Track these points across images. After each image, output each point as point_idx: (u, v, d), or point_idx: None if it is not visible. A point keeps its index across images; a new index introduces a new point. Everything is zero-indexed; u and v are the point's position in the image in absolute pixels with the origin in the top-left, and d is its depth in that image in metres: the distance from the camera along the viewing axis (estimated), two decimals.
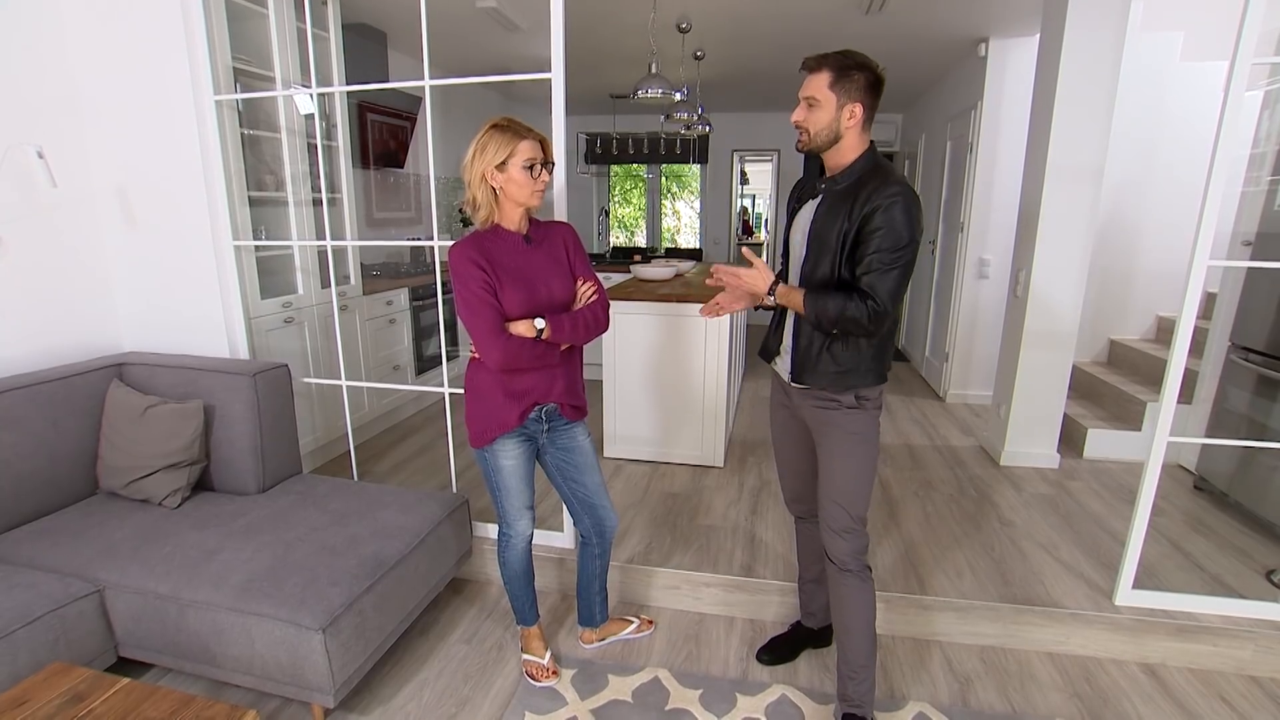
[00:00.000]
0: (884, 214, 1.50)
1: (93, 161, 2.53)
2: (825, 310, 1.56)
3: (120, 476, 2.22)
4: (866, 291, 1.52)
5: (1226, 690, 2.05)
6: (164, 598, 1.80)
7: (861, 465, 1.70)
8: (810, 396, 1.73)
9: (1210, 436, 2.90)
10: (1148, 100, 3.97)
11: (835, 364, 1.65)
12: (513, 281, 1.68)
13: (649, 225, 9.27)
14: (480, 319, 1.64)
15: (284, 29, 2.93)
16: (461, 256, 1.65)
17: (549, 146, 1.70)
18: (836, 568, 1.75)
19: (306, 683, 1.74)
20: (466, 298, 1.64)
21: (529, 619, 2.09)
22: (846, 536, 1.72)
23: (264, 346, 2.85)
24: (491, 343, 1.64)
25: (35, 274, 2.38)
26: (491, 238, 1.71)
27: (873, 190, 1.53)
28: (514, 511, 1.91)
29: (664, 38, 4.09)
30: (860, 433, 1.69)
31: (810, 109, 1.58)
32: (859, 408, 1.68)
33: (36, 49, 2.34)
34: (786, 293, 1.62)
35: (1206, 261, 1.93)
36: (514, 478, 1.85)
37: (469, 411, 1.82)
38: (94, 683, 1.37)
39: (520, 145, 1.62)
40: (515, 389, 1.76)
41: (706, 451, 3.39)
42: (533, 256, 1.74)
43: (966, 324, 4.60)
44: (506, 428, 1.77)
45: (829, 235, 1.60)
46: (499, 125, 1.64)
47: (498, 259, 1.68)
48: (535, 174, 1.65)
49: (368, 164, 4.47)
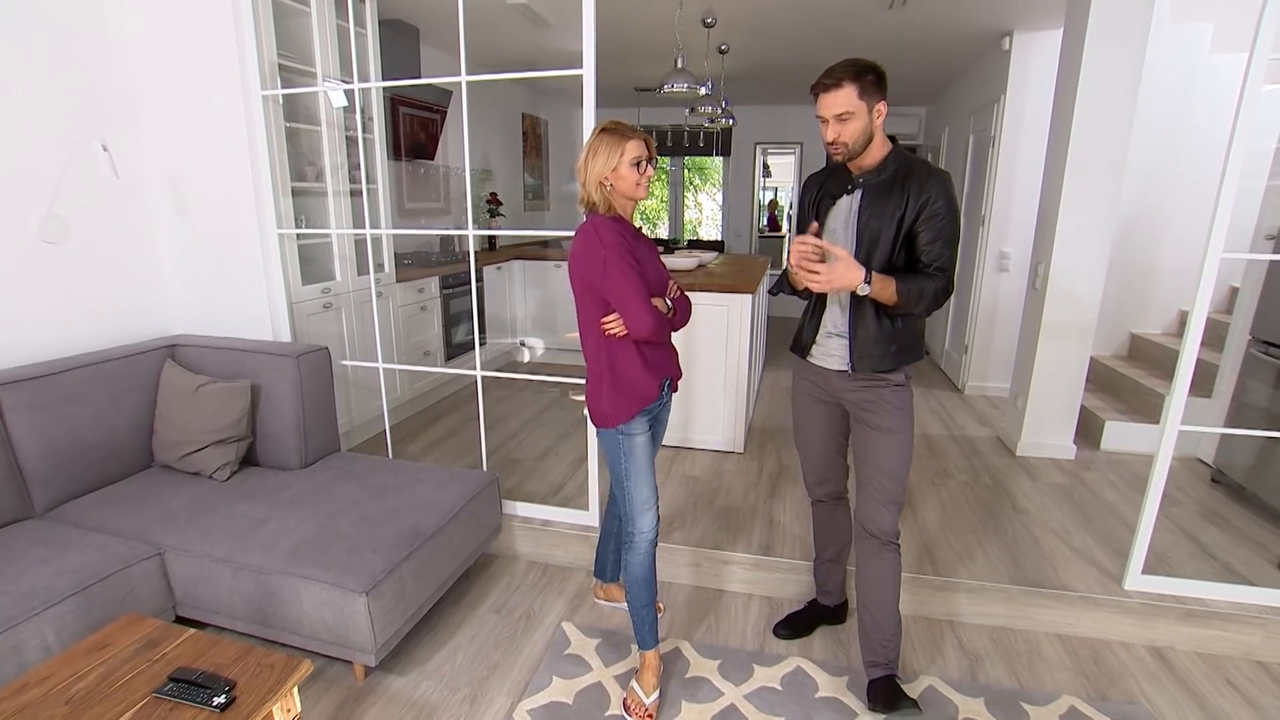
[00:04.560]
0: (942, 200, 1.64)
1: (147, 154, 2.68)
2: (922, 292, 1.64)
3: (174, 450, 2.36)
4: (939, 270, 1.65)
5: (1233, 674, 2.11)
6: (219, 561, 1.94)
7: (909, 439, 1.81)
8: (857, 380, 1.81)
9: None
10: (1175, 93, 3.96)
11: (897, 343, 1.75)
12: (644, 262, 1.79)
13: (672, 217, 9.34)
14: (635, 287, 1.70)
15: (325, 26, 3.05)
16: (609, 229, 1.72)
17: (651, 144, 1.80)
18: (879, 542, 1.84)
19: (350, 642, 1.87)
20: (622, 267, 1.69)
21: (648, 641, 1.93)
22: (892, 508, 1.82)
23: (304, 330, 2.99)
24: (647, 309, 1.70)
25: (98, 260, 2.53)
26: (620, 221, 1.80)
27: (924, 177, 1.65)
28: (642, 500, 1.86)
29: (689, 32, 4.15)
30: (906, 408, 1.80)
31: (844, 123, 1.63)
32: (905, 385, 1.80)
33: (97, 49, 2.48)
34: (881, 280, 1.63)
35: (1220, 254, 1.98)
36: (645, 459, 1.86)
37: (607, 390, 1.81)
38: (164, 632, 1.50)
39: (628, 145, 1.72)
40: (652, 363, 1.84)
41: (727, 437, 3.48)
42: (643, 246, 1.86)
43: (986, 317, 4.62)
44: (649, 400, 1.82)
45: (883, 224, 1.69)
46: (607, 129, 1.74)
47: (630, 240, 1.79)
48: (641, 170, 1.76)
49: (400, 156, 4.61)
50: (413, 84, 3.58)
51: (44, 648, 1.63)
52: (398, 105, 4.52)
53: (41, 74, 2.30)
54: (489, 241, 5.66)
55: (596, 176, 1.74)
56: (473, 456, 3.27)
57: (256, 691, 1.32)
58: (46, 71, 2.31)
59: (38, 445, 2.10)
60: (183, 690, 1.28)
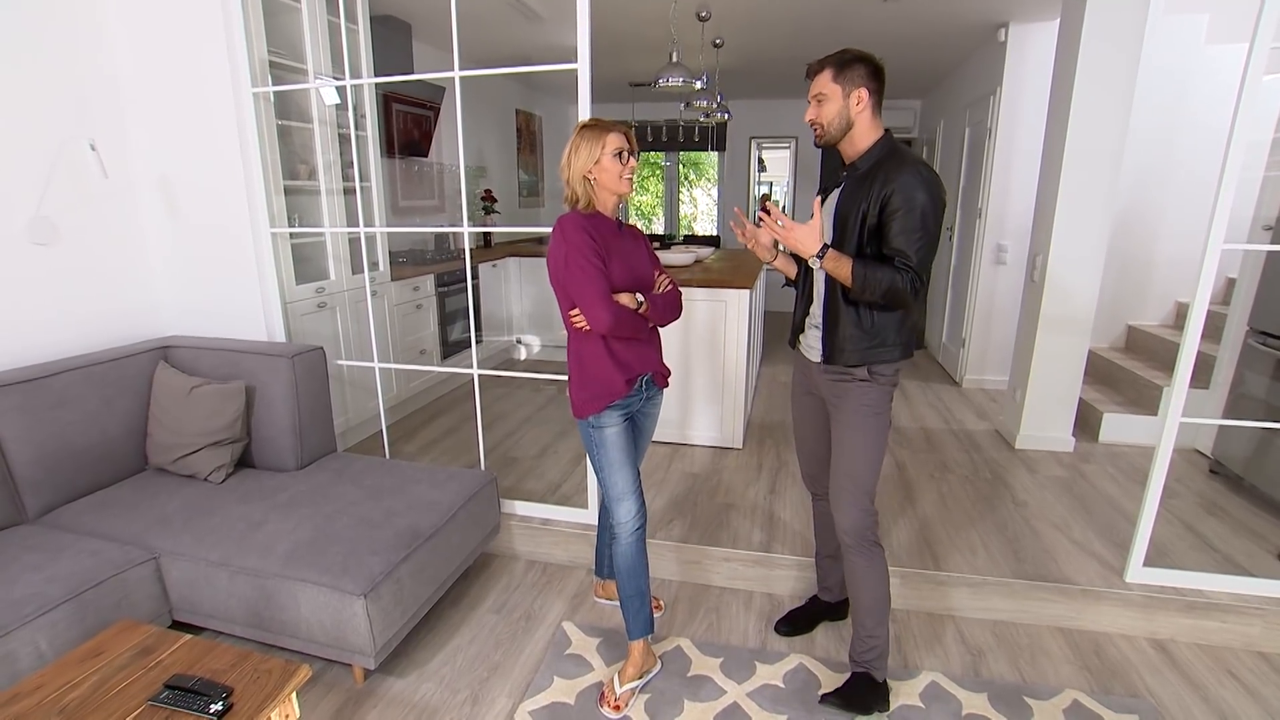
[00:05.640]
0: (902, 194, 1.58)
1: (136, 153, 2.64)
2: (876, 278, 1.60)
3: (168, 453, 2.34)
4: (904, 265, 1.60)
5: (1235, 665, 2.11)
6: (215, 564, 1.92)
7: (872, 439, 1.77)
8: (829, 371, 1.80)
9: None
10: (1172, 84, 3.95)
11: (866, 339, 1.71)
12: (615, 258, 1.80)
13: (667, 212, 9.32)
14: (593, 284, 1.72)
15: (315, 22, 3.02)
16: (575, 226, 1.75)
17: (632, 136, 1.81)
18: (845, 543, 1.83)
19: (349, 645, 1.85)
20: (581, 264, 1.72)
21: (634, 630, 1.96)
22: (852, 509, 1.79)
23: (299, 330, 2.96)
24: (603, 305, 1.72)
25: (87, 261, 2.50)
26: (594, 218, 1.81)
27: (891, 170, 1.61)
28: (618, 491, 1.89)
29: (683, 26, 4.13)
30: (872, 405, 1.76)
31: (820, 105, 1.70)
32: (871, 381, 1.75)
33: (82, 46, 2.44)
34: (836, 257, 1.63)
35: (1221, 245, 1.97)
36: (618, 450, 1.88)
37: (576, 381, 1.87)
38: (160, 638, 1.48)
39: (608, 137, 1.75)
40: (621, 359, 1.84)
41: (726, 433, 3.47)
42: (624, 241, 1.87)
43: (984, 310, 4.61)
44: (617, 395, 1.84)
45: (850, 216, 1.68)
46: (587, 125, 1.78)
47: (601, 236, 1.79)
48: (624, 160, 1.77)
49: (393, 153, 4.57)
50: (405, 80, 3.55)
51: (37, 656, 1.61)
52: (390, 102, 4.47)
53: (27, 72, 2.26)
54: (484, 239, 5.63)
55: (580, 171, 1.77)
56: (470, 456, 3.26)
57: (254, 698, 1.30)
58: (32, 69, 2.27)
59: (29, 450, 2.07)
60: (179, 698, 1.26)
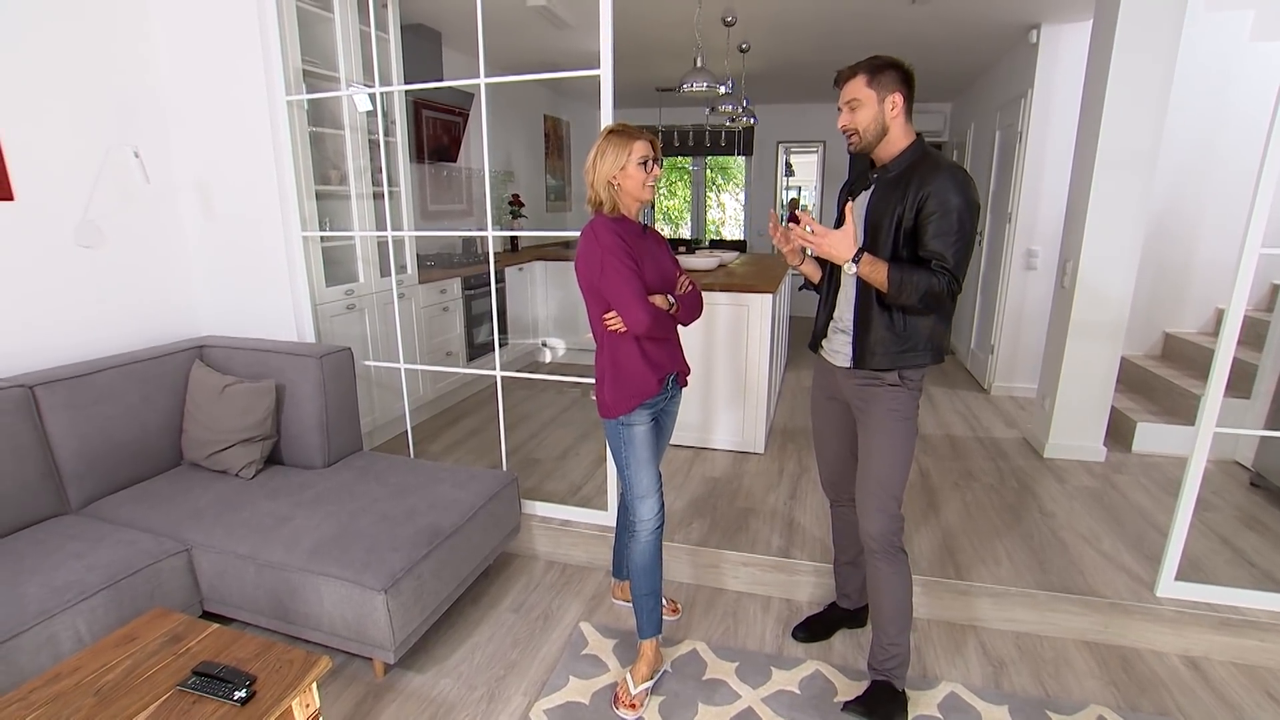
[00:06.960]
0: (938, 197, 1.58)
1: (176, 159, 2.74)
2: (913, 281, 1.58)
3: (201, 449, 2.42)
4: (940, 267, 1.59)
5: (1274, 686, 2.03)
6: (243, 557, 1.98)
7: (899, 444, 1.76)
8: (856, 375, 1.79)
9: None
10: (1213, 83, 3.84)
11: (898, 342, 1.70)
12: (646, 260, 1.83)
13: (694, 217, 9.32)
14: (628, 285, 1.75)
15: (348, 31, 3.10)
16: (607, 229, 1.78)
17: (657, 145, 1.84)
18: (869, 549, 1.82)
19: (369, 639, 1.89)
20: (616, 265, 1.75)
21: (646, 630, 1.97)
22: (879, 515, 1.78)
23: (328, 331, 3.04)
24: (641, 307, 1.75)
25: (130, 262, 2.60)
26: (621, 222, 1.85)
27: (925, 173, 1.61)
28: (642, 488, 1.91)
29: (709, 31, 4.13)
30: (900, 410, 1.75)
31: (854, 110, 1.68)
32: (901, 385, 1.73)
33: (127, 58, 2.55)
34: (871, 261, 1.61)
35: (1259, 248, 1.91)
36: (645, 448, 1.90)
37: (610, 383, 1.88)
38: (189, 626, 1.53)
39: (635, 145, 1.78)
40: (653, 359, 1.88)
41: (748, 438, 3.46)
42: (649, 244, 1.90)
43: (1013, 316, 4.52)
44: (649, 394, 1.87)
45: (883, 219, 1.67)
46: (614, 131, 1.80)
47: (631, 239, 1.83)
48: (648, 169, 1.80)
49: (422, 158, 4.66)
50: (434, 87, 3.63)
51: (76, 639, 1.68)
52: (420, 108, 4.57)
53: (77, 84, 2.37)
54: (511, 242, 5.70)
55: (605, 176, 1.79)
56: (493, 456, 3.30)
57: (276, 686, 1.34)
58: (81, 81, 2.38)
59: (73, 443, 2.16)
60: (205, 684, 1.31)
